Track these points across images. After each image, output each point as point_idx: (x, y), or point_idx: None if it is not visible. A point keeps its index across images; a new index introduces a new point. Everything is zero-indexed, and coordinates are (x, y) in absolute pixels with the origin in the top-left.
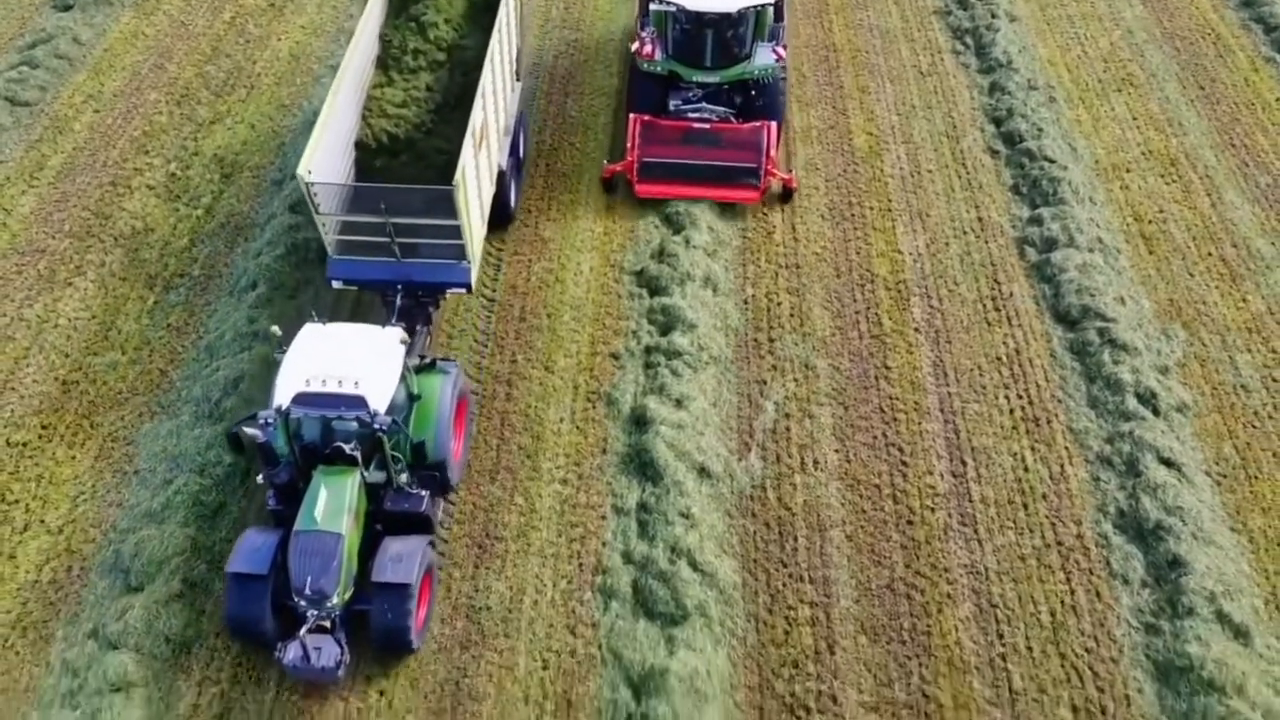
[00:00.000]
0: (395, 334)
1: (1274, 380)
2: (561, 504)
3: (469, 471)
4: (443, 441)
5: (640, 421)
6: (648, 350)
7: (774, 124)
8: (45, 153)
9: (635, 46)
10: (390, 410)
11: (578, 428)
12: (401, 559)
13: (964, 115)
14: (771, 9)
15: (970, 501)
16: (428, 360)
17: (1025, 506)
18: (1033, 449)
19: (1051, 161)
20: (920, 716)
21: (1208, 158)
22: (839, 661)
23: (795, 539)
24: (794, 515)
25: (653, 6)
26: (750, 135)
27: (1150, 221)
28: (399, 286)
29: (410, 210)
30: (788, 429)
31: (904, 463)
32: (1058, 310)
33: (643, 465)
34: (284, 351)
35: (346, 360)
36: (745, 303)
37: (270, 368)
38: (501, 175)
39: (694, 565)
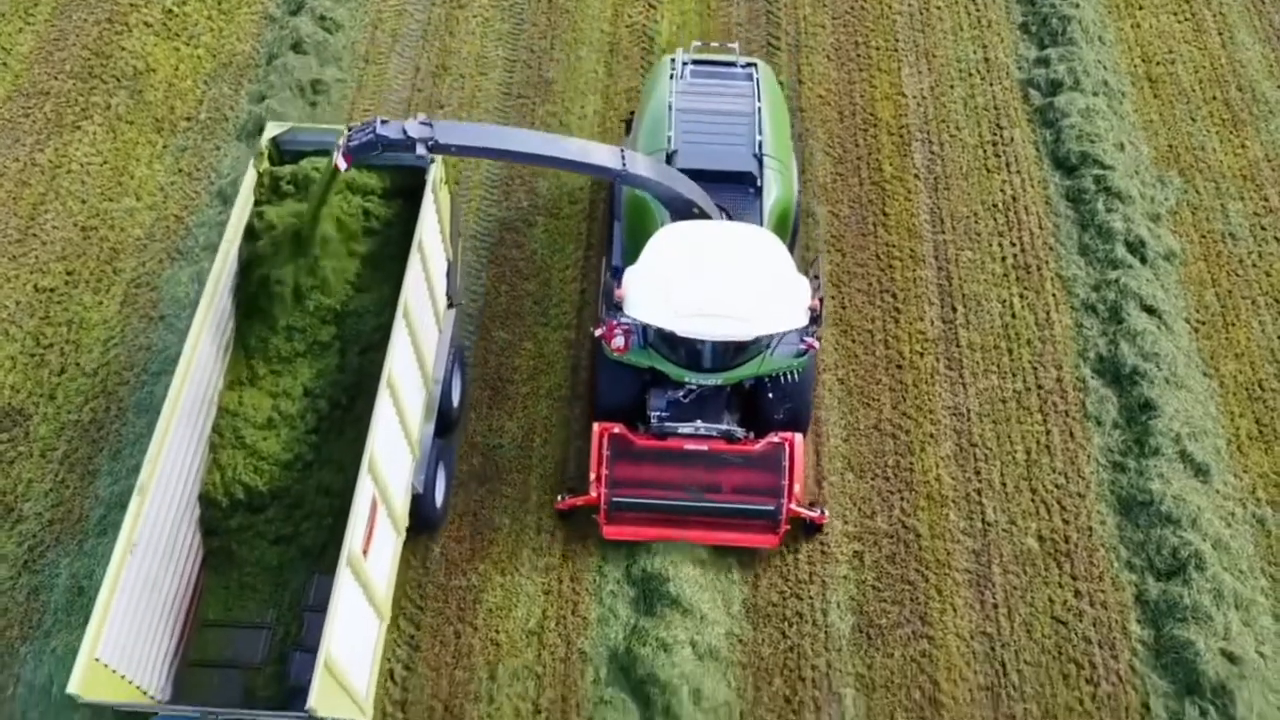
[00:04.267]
0: None
1: (1262, 229)
2: (568, 350)
3: (480, 318)
4: None
5: None
6: None
7: (799, 437)
8: None
9: (600, 332)
10: None
11: (583, 274)
12: None
13: None
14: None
15: (958, 346)
16: None
17: (1010, 351)
18: (1021, 296)
19: None
20: (899, 544)
21: None
22: (826, 495)
23: None
24: None
25: (624, 318)
26: (766, 460)
27: (1158, 63)
28: None
29: None
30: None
31: (897, 309)
32: (1057, 156)
33: None
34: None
35: None
36: None
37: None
38: (418, 497)
39: None
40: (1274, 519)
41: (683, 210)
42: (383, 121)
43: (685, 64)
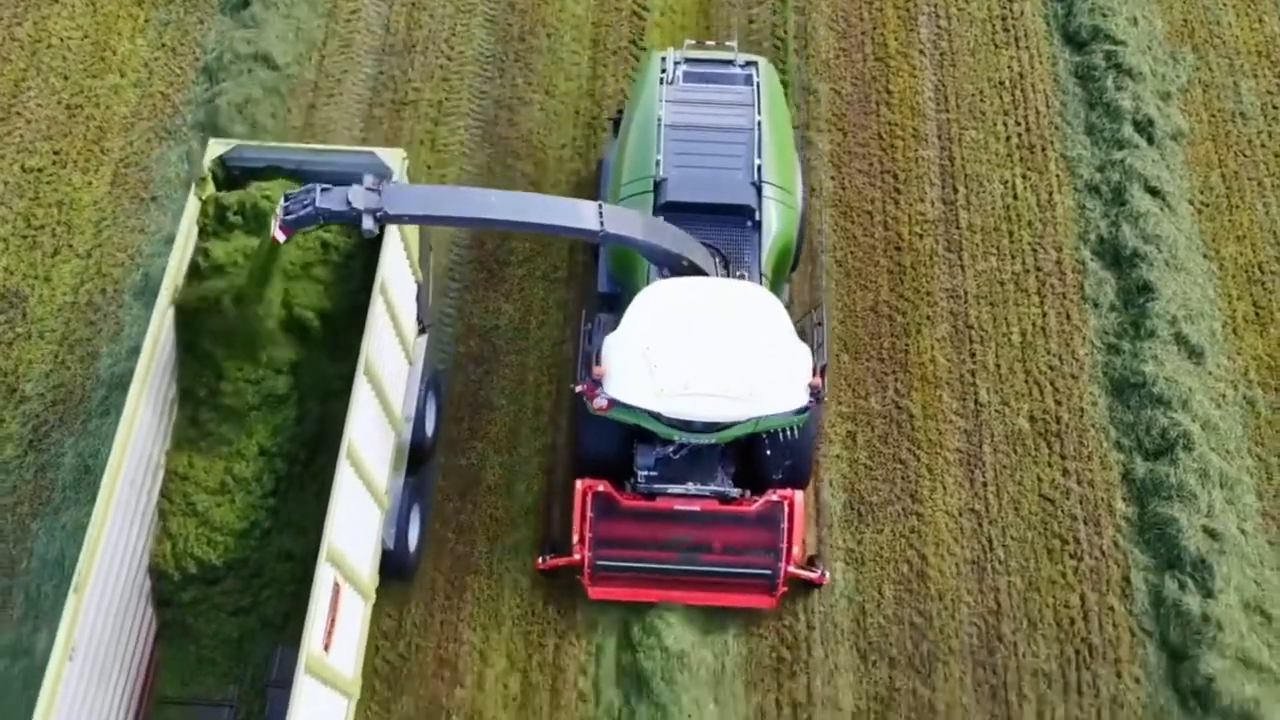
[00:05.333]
0: None
1: (1274, 108)
2: None
3: None
4: None
5: None
6: None
7: (799, 495)
8: None
9: (581, 389)
10: None
11: (579, 155)
12: None
13: None
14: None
15: (958, 228)
16: None
17: (1010, 233)
18: (1024, 176)
19: None
20: (892, 424)
21: None
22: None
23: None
24: None
25: (602, 399)
26: (763, 520)
27: None
28: None
29: None
30: None
31: (897, 189)
32: (1068, 31)
33: None
34: None
35: None
36: (750, 21)
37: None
38: (389, 551)
39: None
40: (1264, 400)
41: (672, 265)
42: (323, 190)
43: (678, 64)
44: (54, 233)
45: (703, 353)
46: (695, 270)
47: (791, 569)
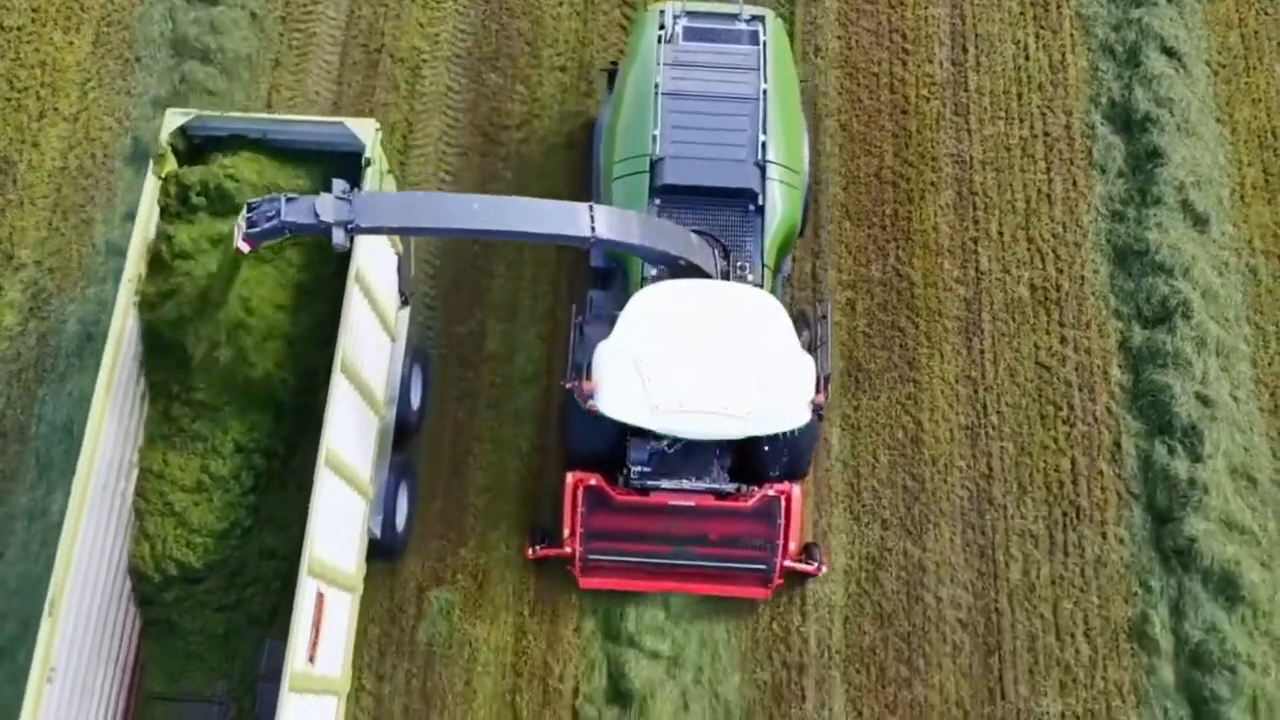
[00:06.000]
0: None
1: None
2: (562, 93)
3: (470, 59)
4: None
5: None
6: None
7: (796, 489)
8: None
9: (571, 385)
10: None
11: (577, 14)
12: None
13: None
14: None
15: (966, 91)
16: None
17: (1019, 96)
18: (1037, 36)
19: None
20: (892, 292)
21: None
22: (823, 243)
23: None
24: None
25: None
26: (759, 515)
27: None
28: None
29: None
30: (791, 12)
31: (905, 50)
32: None
33: None
34: None
35: None
36: None
37: None
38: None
39: None
40: (1266, 269)
41: (670, 264)
42: (289, 200)
43: (677, 18)
44: (38, 95)
45: (699, 367)
46: (693, 269)
47: (787, 563)
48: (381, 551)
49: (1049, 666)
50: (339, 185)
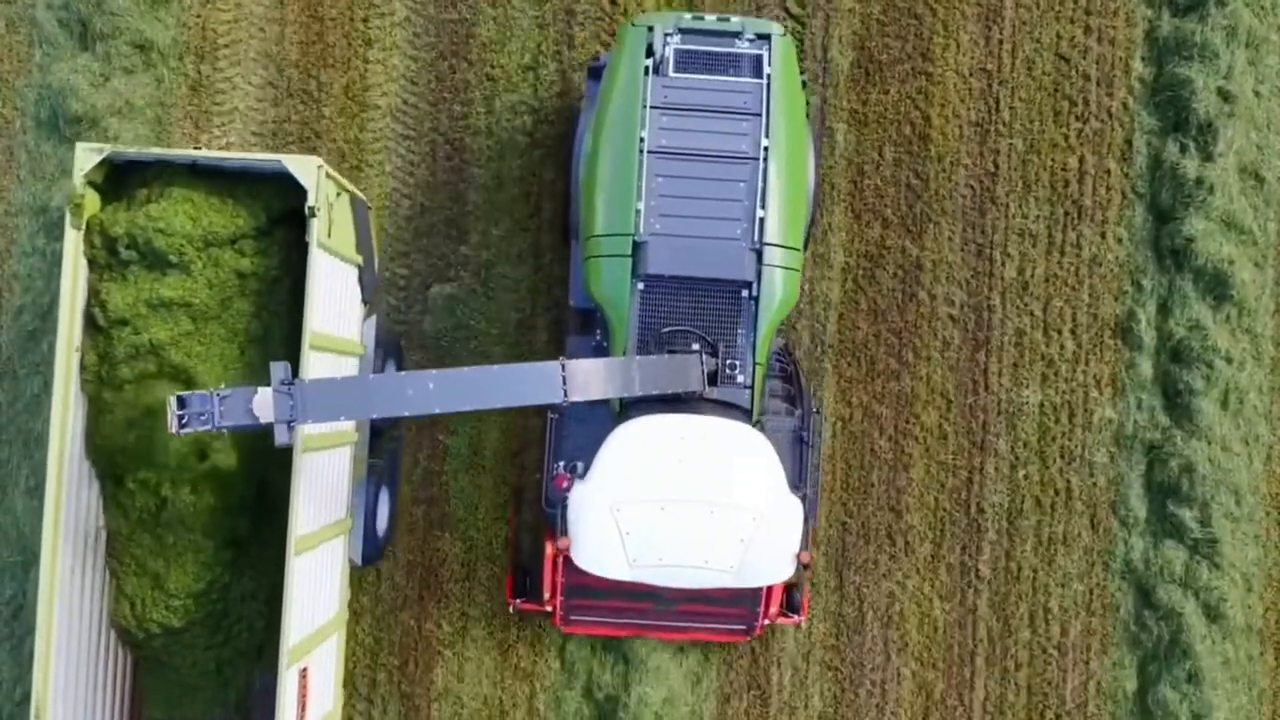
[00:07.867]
0: None
1: None
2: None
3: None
4: None
5: None
6: None
7: None
8: None
9: (550, 478)
10: None
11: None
12: None
13: None
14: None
15: None
16: None
17: None
18: None
19: None
20: None
21: None
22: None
23: None
24: None
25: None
26: None
27: None
28: None
29: None
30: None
31: None
32: None
33: None
34: None
35: None
36: None
37: None
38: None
39: None
40: None
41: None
42: (222, 398)
43: (669, 37)
44: None
45: (680, 520)
46: (677, 395)
47: (768, 613)
48: (365, 561)
49: (1033, 360)
50: (278, 372)
